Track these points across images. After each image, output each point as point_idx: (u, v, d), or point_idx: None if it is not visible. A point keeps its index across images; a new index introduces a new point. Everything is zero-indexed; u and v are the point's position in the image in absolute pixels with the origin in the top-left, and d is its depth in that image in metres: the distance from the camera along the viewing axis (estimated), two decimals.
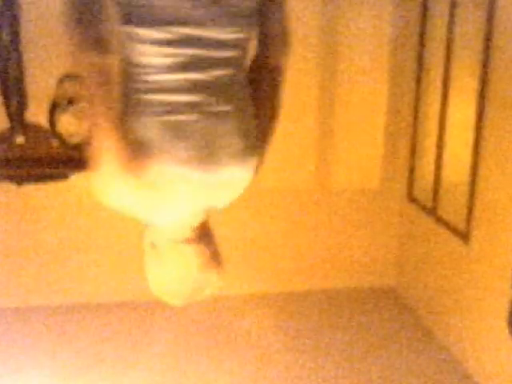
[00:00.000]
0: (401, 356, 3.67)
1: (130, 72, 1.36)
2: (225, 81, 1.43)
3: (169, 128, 1.36)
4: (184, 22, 1.34)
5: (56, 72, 3.70)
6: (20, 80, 3.69)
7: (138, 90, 1.36)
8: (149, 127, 1.36)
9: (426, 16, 3.87)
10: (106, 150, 1.34)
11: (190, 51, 1.36)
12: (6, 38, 3.57)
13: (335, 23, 4.05)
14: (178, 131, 1.37)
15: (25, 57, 3.72)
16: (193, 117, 1.38)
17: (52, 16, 3.71)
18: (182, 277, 1.52)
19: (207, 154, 1.40)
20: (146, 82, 1.36)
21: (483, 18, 3.23)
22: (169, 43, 1.34)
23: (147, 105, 1.36)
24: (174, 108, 1.37)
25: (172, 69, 1.36)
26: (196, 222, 1.53)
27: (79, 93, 1.32)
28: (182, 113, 1.37)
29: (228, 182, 1.48)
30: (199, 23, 1.36)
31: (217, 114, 1.42)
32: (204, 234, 1.54)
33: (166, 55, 1.35)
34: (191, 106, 1.38)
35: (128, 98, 1.37)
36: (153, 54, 1.35)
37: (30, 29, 3.71)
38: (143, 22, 1.32)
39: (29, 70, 3.76)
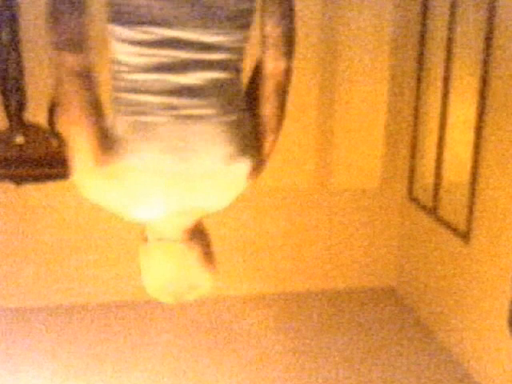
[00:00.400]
0: (401, 356, 3.67)
1: (112, 70, 1.39)
2: (208, 84, 1.41)
3: (138, 128, 1.37)
4: (165, 23, 1.34)
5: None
6: (19, 80, 3.69)
7: (116, 88, 1.39)
8: (121, 125, 1.38)
9: (426, 15, 3.87)
10: (79, 144, 1.36)
11: (169, 52, 1.36)
12: (5, 37, 3.57)
13: (335, 22, 4.05)
14: (147, 132, 1.37)
15: (24, 56, 3.72)
16: (163, 118, 1.38)
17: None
18: (172, 275, 1.53)
19: (178, 155, 1.39)
20: (124, 80, 1.37)
21: (484, 17, 3.23)
22: (148, 44, 1.34)
23: (122, 103, 1.38)
24: (147, 108, 1.37)
25: (150, 69, 1.36)
26: (186, 222, 1.52)
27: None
28: (153, 114, 1.37)
29: (209, 184, 1.46)
30: (181, 25, 1.35)
31: (194, 118, 1.40)
32: (197, 235, 1.54)
33: (145, 55, 1.35)
34: (164, 108, 1.37)
35: (112, 96, 1.41)
36: (132, 53, 1.35)
37: (29, 28, 3.72)
38: (123, 21, 1.33)
39: (28, 70, 3.76)
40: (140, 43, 1.34)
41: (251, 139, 1.52)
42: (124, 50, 1.35)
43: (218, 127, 1.42)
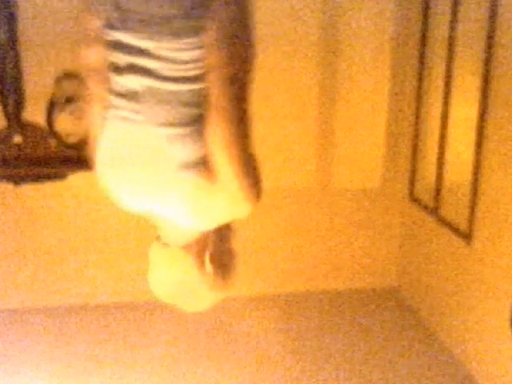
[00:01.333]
0: (403, 358, 3.67)
1: None
2: (145, 90, 1.39)
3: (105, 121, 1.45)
4: (114, 26, 1.39)
5: (54, 71, 3.70)
6: (17, 79, 3.68)
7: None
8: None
9: (427, 14, 3.87)
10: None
11: (116, 55, 1.41)
12: (3, 36, 3.57)
13: (336, 21, 4.05)
14: (108, 125, 1.45)
15: (22, 55, 3.71)
16: (112, 117, 1.45)
17: (50, 14, 3.71)
18: (173, 280, 1.51)
19: (127, 154, 1.44)
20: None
21: (486, 15, 3.22)
22: (110, 46, 1.40)
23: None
24: (108, 105, 1.44)
25: (111, 69, 1.42)
26: (186, 234, 1.50)
27: (78, 91, 1.37)
28: (109, 110, 1.44)
29: (161, 192, 1.44)
30: (123, 28, 1.39)
31: (131, 121, 1.42)
32: (213, 246, 1.55)
33: (109, 56, 1.42)
34: (111, 107, 1.44)
35: None
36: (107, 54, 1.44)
37: (27, 27, 3.71)
38: (110, 24, 1.40)
39: (26, 69, 3.76)
40: (107, 45, 1.41)
41: (198, 156, 1.39)
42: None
43: (154, 138, 1.39)
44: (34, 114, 3.84)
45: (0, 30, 3.56)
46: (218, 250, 1.55)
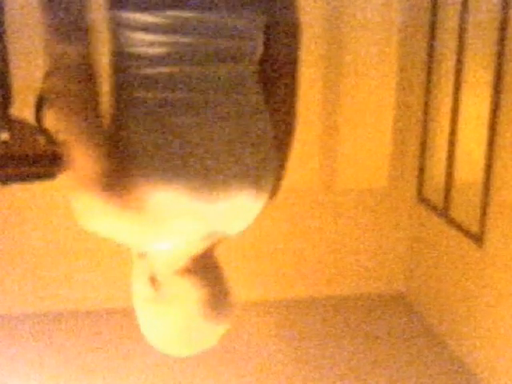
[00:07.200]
0: (410, 367, 3.68)
1: (119, 64, 1.23)
2: (231, 77, 1.28)
3: (159, 133, 1.21)
4: (180, 6, 1.21)
5: (43, 65, 3.71)
6: (4, 73, 3.69)
7: (127, 86, 1.23)
8: (138, 131, 1.21)
9: (437, 3, 3.88)
10: (84, 168, 1.20)
11: (187, 40, 1.22)
12: None
13: (340, 12, 4.06)
14: (171, 136, 1.21)
15: (9, 48, 3.72)
16: (188, 119, 1.23)
17: (38, 5, 3.72)
18: (182, 317, 1.32)
19: (211, 172, 1.23)
20: (137, 75, 1.23)
21: (498, 5, 3.23)
22: (162, 30, 1.21)
23: (137, 103, 1.22)
24: (167, 108, 1.22)
25: (168, 60, 1.23)
26: (195, 250, 1.36)
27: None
28: (175, 114, 1.22)
29: (232, 204, 1.30)
30: (199, 7, 1.22)
31: (222, 118, 1.26)
32: (207, 266, 1.37)
33: (159, 44, 1.22)
34: (188, 106, 1.23)
35: (117, 96, 1.24)
36: (144, 42, 1.22)
37: (14, 19, 3.72)
38: (132, 6, 1.20)
39: (14, 63, 3.76)
40: (155, 30, 1.20)
41: (272, 147, 1.37)
42: (135, 40, 1.22)
43: (243, 129, 1.28)
44: (22, 110, 3.84)
45: None
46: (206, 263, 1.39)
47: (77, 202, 1.25)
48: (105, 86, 1.24)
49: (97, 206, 1.21)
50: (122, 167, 1.20)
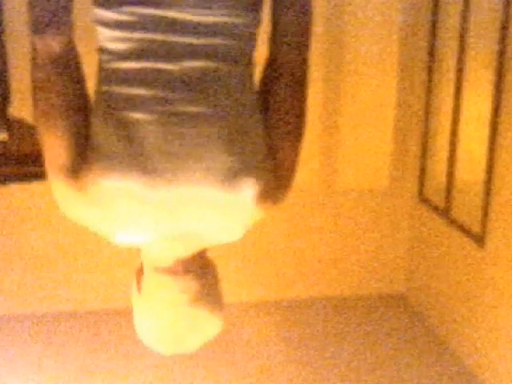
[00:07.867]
0: (411, 368, 3.67)
1: (98, 59, 1.29)
2: (207, 76, 1.27)
3: (124, 129, 1.24)
4: (154, 2, 1.22)
5: None
6: (3, 72, 3.69)
7: (100, 80, 1.27)
8: (101, 124, 1.25)
9: (438, 3, 3.88)
10: (52, 155, 1.26)
11: (161, 37, 1.24)
12: None
13: (341, 11, 4.06)
14: (134, 132, 1.24)
15: (8, 48, 3.73)
16: (154, 116, 1.24)
17: None
18: (167, 315, 1.35)
19: (166, 165, 1.24)
20: (109, 70, 1.26)
21: (499, 4, 3.23)
22: (134, 26, 1.23)
23: (105, 97, 1.26)
24: (136, 103, 1.24)
25: (139, 56, 1.24)
26: (182, 251, 1.36)
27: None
28: (142, 110, 1.24)
29: (206, 207, 1.29)
30: (175, 4, 1.23)
31: (190, 116, 1.25)
32: (199, 269, 1.38)
33: (133, 40, 1.24)
34: (156, 103, 1.24)
35: (96, 90, 1.30)
36: (118, 38, 1.24)
37: (13, 19, 3.72)
38: (97, 2, 1.24)
39: (12, 62, 3.77)
40: (127, 26, 1.23)
41: (262, 150, 1.34)
42: (109, 35, 1.25)
43: (218, 131, 1.27)
44: (21, 109, 3.85)
45: None
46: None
47: (53, 189, 1.31)
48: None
49: (65, 194, 1.28)
50: (85, 157, 1.27)
